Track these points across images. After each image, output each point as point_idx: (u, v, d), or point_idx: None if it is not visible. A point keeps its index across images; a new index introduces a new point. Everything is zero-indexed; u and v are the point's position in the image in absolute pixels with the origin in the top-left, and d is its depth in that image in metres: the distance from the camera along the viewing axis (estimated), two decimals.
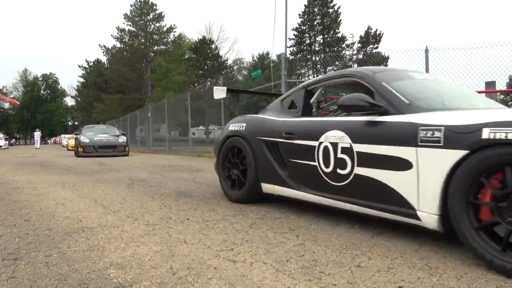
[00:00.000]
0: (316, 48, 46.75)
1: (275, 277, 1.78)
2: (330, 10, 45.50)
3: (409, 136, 2.22)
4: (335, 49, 44.87)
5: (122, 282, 1.72)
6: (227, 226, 2.77)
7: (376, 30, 43.77)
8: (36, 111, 72.83)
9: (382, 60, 33.73)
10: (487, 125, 1.85)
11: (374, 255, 2.09)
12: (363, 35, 44.29)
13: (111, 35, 54.21)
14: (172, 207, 3.54)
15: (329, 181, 2.80)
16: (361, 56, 37.25)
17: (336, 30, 45.71)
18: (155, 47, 48.30)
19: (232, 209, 3.39)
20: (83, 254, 2.12)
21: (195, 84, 41.15)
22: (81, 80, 60.47)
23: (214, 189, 4.65)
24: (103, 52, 50.36)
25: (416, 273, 1.81)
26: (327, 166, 2.83)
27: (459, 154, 1.94)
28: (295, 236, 2.49)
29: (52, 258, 2.06)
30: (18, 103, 6.31)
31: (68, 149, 21.41)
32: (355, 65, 37.04)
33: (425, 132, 2.13)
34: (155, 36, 48.51)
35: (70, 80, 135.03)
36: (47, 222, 2.94)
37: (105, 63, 54.95)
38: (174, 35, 49.89)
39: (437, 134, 2.06)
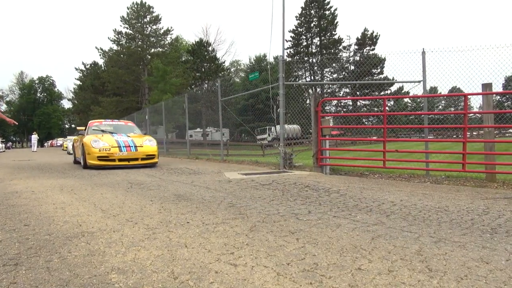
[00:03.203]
0: (313, 50, 46.88)
1: (276, 280, 1.78)
2: (327, 12, 45.68)
3: None
4: (332, 51, 45.00)
5: (124, 287, 1.72)
6: (227, 229, 2.77)
7: (373, 32, 44.01)
8: (33, 114, 72.57)
9: (378, 61, 33.92)
10: None
11: (374, 257, 2.10)
12: (359, 37, 44.49)
13: (108, 38, 54.13)
14: (172, 210, 3.54)
15: None
16: (357, 58, 37.37)
17: (333, 32, 45.89)
18: (152, 50, 48.29)
19: (232, 212, 3.40)
20: (84, 259, 2.12)
21: (192, 86, 41.20)
22: (78, 82, 60.37)
23: (213, 192, 4.65)
24: (100, 55, 50.36)
25: (417, 276, 1.82)
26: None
27: None
28: (295, 239, 2.50)
29: (53, 263, 2.05)
30: (17, 123, 7.84)
31: (76, 160, 13.10)
32: (352, 67, 37.15)
33: None
34: (152, 39, 48.49)
35: (66, 83, 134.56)
36: (46, 226, 2.94)
37: (102, 65, 54.91)
38: (171, 37, 49.93)
39: None
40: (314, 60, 45.86)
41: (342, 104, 35.07)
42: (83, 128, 12.20)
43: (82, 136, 9.99)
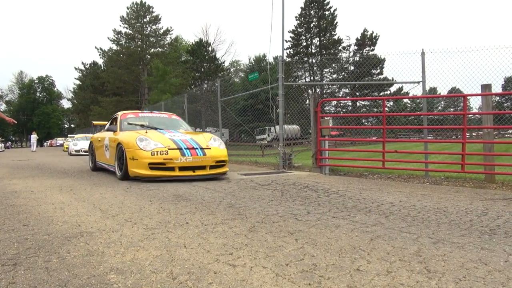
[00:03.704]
0: (313, 51, 46.89)
1: (275, 281, 1.78)
2: (327, 13, 45.68)
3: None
4: (332, 51, 45.03)
5: (123, 287, 1.72)
6: (226, 230, 2.78)
7: (372, 32, 44.02)
8: (32, 113, 72.56)
9: (378, 62, 33.94)
10: None
11: (373, 258, 2.11)
12: (359, 38, 44.49)
13: (108, 38, 54.18)
14: (171, 210, 3.54)
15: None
16: (357, 58, 37.39)
17: (333, 33, 45.90)
18: (152, 50, 48.34)
19: (231, 213, 3.40)
20: (82, 259, 2.12)
21: (192, 87, 41.20)
22: (78, 82, 60.42)
23: (212, 193, 4.65)
24: (99, 55, 50.43)
25: (415, 277, 1.83)
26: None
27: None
28: (294, 240, 2.50)
29: (52, 264, 2.05)
30: (16, 122, 8.33)
31: (98, 165, 12.78)
32: (351, 68, 37.16)
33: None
34: (152, 39, 48.53)
35: (66, 83, 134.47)
36: (45, 226, 2.94)
37: (102, 65, 54.95)
38: (170, 37, 50.01)
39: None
40: (313, 61, 45.87)
41: (341, 104, 35.09)
42: (102, 122, 9.98)
43: (113, 133, 7.20)
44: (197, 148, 6.20)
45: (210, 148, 6.33)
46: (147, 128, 7.30)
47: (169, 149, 6.01)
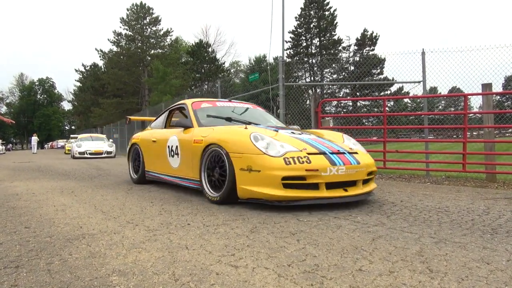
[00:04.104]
0: (313, 51, 46.89)
1: (277, 282, 1.78)
2: (326, 13, 45.71)
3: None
4: (332, 51, 45.04)
5: None
6: (228, 231, 2.78)
7: (372, 32, 44.04)
8: (33, 115, 72.67)
9: (378, 62, 33.93)
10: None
11: (375, 258, 2.10)
12: (359, 38, 44.51)
13: (108, 39, 54.15)
14: (172, 212, 3.54)
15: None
16: (357, 58, 37.38)
17: (333, 33, 45.92)
18: (152, 51, 48.31)
19: (232, 214, 3.40)
20: (84, 261, 2.12)
21: (192, 88, 41.21)
22: (78, 84, 60.46)
23: None
24: (99, 56, 50.38)
25: (418, 277, 1.82)
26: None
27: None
28: (296, 240, 2.50)
29: (54, 266, 2.05)
30: (14, 122, 8.78)
31: (148, 176, 10.22)
32: (352, 68, 37.15)
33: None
34: (152, 40, 48.52)
35: (66, 85, 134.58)
36: (47, 228, 2.94)
37: (102, 67, 54.98)
38: (170, 38, 49.96)
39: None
40: (313, 61, 45.88)
41: (342, 104, 35.07)
42: (141, 118, 8.51)
43: (184, 130, 4.90)
44: (345, 153, 3.93)
45: (357, 153, 4.10)
46: (237, 122, 4.96)
47: (308, 154, 3.68)
